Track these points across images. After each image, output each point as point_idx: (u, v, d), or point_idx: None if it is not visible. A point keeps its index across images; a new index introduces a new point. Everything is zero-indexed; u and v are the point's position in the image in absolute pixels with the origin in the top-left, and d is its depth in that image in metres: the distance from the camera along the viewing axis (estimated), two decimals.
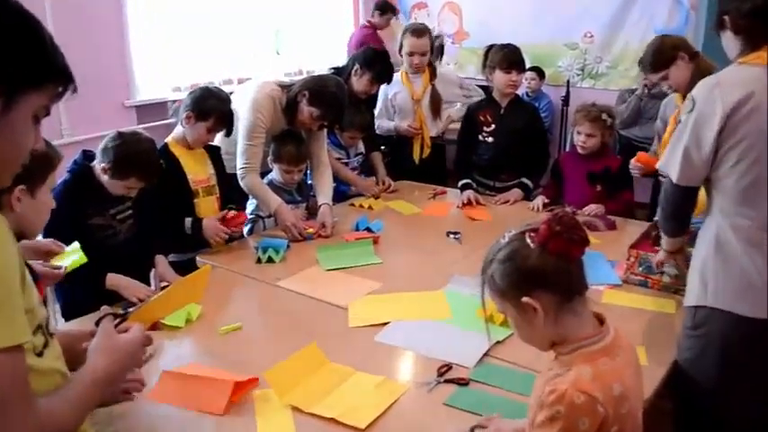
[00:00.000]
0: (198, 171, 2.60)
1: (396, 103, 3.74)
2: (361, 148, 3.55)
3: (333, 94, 2.77)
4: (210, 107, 2.49)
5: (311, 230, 2.79)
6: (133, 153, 2.10)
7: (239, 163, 2.82)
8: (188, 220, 2.51)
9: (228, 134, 2.65)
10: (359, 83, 3.29)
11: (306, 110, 2.78)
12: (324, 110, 2.77)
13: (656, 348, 1.82)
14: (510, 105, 3.31)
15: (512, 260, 1.17)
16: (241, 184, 2.83)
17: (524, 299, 1.16)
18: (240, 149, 2.82)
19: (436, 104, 3.70)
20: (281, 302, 2.20)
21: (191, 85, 4.78)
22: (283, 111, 2.85)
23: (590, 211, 2.94)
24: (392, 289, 2.25)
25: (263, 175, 2.94)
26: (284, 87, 2.87)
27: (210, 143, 2.67)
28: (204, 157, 2.66)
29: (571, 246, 1.13)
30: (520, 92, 3.39)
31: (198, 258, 2.54)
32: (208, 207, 2.63)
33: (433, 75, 3.69)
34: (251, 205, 2.95)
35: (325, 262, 2.50)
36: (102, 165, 2.12)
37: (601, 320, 1.24)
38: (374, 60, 3.30)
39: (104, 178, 2.13)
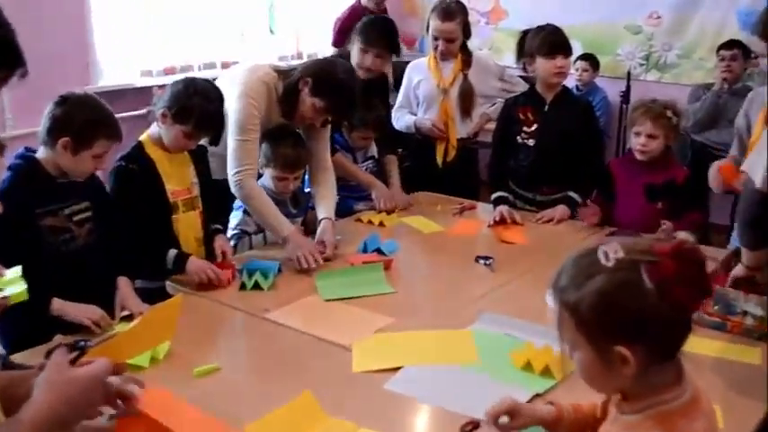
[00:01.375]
0: (178, 179, 2.57)
1: (419, 92, 3.72)
2: (374, 150, 3.54)
3: (342, 83, 2.76)
4: (192, 107, 2.43)
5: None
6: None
7: (232, 166, 2.75)
8: (171, 253, 2.46)
9: (214, 143, 2.63)
10: (362, 59, 3.26)
11: (308, 101, 2.76)
12: (331, 101, 2.75)
13: (736, 409, 1.76)
14: (557, 100, 3.28)
15: (615, 296, 1.11)
16: (237, 194, 2.79)
17: (618, 348, 1.12)
18: (232, 148, 2.76)
19: (467, 99, 3.66)
20: (270, 339, 2.17)
21: (164, 69, 4.85)
22: (279, 101, 2.84)
23: (656, 235, 2.80)
24: (407, 326, 2.22)
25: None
26: (280, 73, 2.86)
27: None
28: (186, 160, 2.62)
29: (697, 297, 1.11)
30: (568, 85, 3.40)
31: (168, 283, 2.51)
32: (189, 225, 2.60)
33: (466, 63, 3.66)
34: (235, 217, 2.92)
35: (325, 290, 2.46)
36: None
37: (679, 372, 1.21)
38: (373, 28, 3.27)
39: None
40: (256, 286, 2.48)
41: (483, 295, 2.46)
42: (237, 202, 2.88)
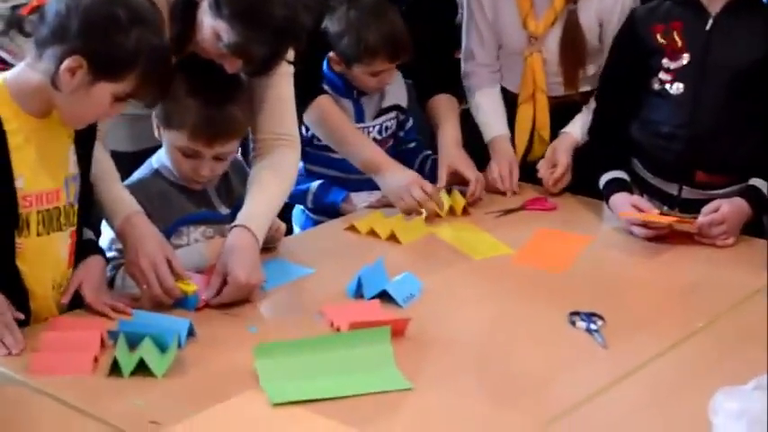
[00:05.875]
0: (43, 171, 2.21)
1: (499, 28, 3.13)
2: (397, 97, 2.95)
3: None
4: (132, 48, 2.10)
5: (192, 287, 2.27)
6: None
7: None
8: None
9: (153, 104, 2.42)
10: None
11: (208, 25, 2.36)
12: (243, 30, 2.33)
13: None
14: (732, 8, 2.69)
15: None
16: None
17: None
18: None
19: (574, 51, 3.06)
20: None
21: None
22: (172, 23, 2.44)
23: None
24: None
25: (142, 157, 2.52)
26: None
27: None
28: (65, 135, 2.26)
29: None
30: None
31: None
32: (46, 260, 2.22)
33: None
34: (108, 227, 2.45)
35: (275, 383, 1.91)
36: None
37: None
38: None
39: None
40: (142, 368, 1.90)
41: (589, 399, 1.90)
42: None
